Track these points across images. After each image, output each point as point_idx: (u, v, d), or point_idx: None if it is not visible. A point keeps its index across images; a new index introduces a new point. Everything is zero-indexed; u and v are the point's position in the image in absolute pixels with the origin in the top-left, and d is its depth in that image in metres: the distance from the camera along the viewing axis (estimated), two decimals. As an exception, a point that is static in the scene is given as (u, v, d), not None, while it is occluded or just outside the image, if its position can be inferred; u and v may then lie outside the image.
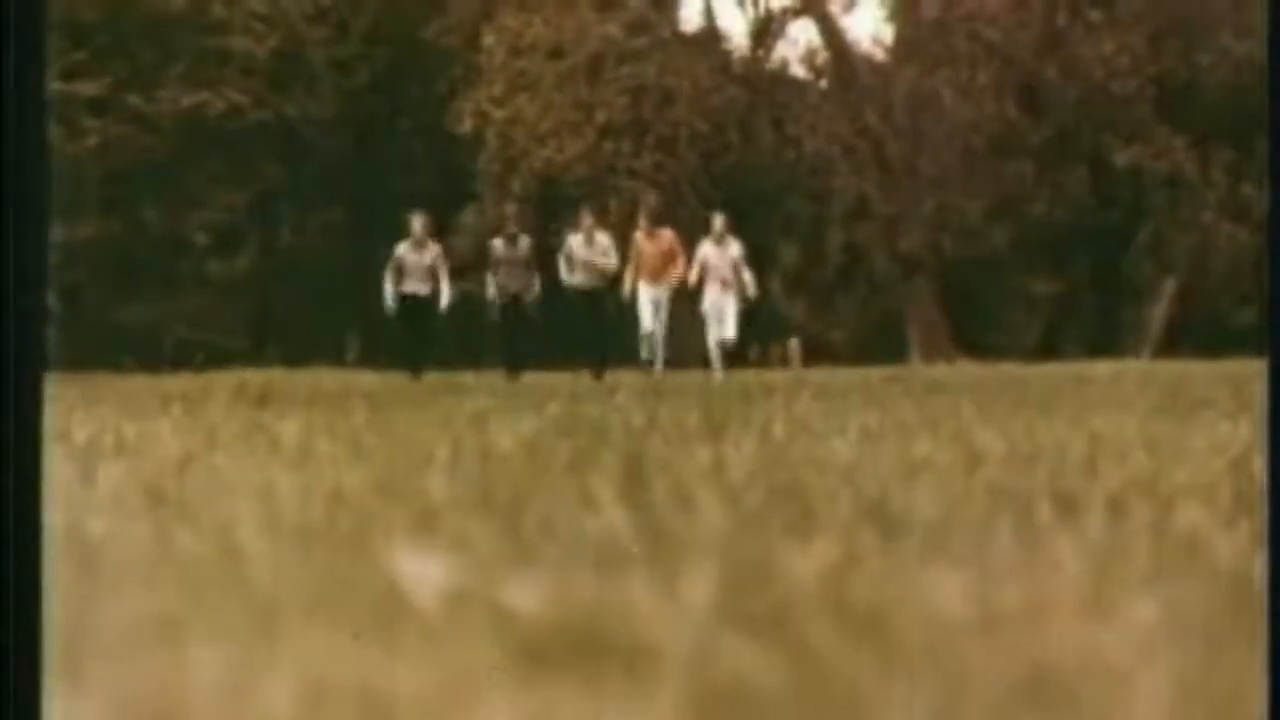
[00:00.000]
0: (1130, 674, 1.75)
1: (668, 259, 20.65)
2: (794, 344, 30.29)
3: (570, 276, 20.71)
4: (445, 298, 20.79)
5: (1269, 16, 2.59)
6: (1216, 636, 1.91)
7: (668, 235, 20.83)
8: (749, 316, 21.75)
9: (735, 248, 20.75)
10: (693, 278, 20.51)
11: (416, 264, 20.90)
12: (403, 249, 20.97)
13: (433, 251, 21.00)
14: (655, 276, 20.51)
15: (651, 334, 20.49)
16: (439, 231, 22.39)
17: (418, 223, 20.99)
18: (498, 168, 30.17)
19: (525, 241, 21.11)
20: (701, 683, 1.77)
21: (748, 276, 20.63)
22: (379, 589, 2.11)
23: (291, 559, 2.39)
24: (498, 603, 2.02)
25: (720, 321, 20.59)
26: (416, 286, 20.91)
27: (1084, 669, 1.78)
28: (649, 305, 20.56)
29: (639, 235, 20.77)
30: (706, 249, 20.74)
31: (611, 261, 20.69)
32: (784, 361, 29.28)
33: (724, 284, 20.50)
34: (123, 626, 1.98)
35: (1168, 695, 1.72)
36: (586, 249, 20.79)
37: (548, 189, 30.19)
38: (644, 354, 20.45)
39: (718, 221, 20.94)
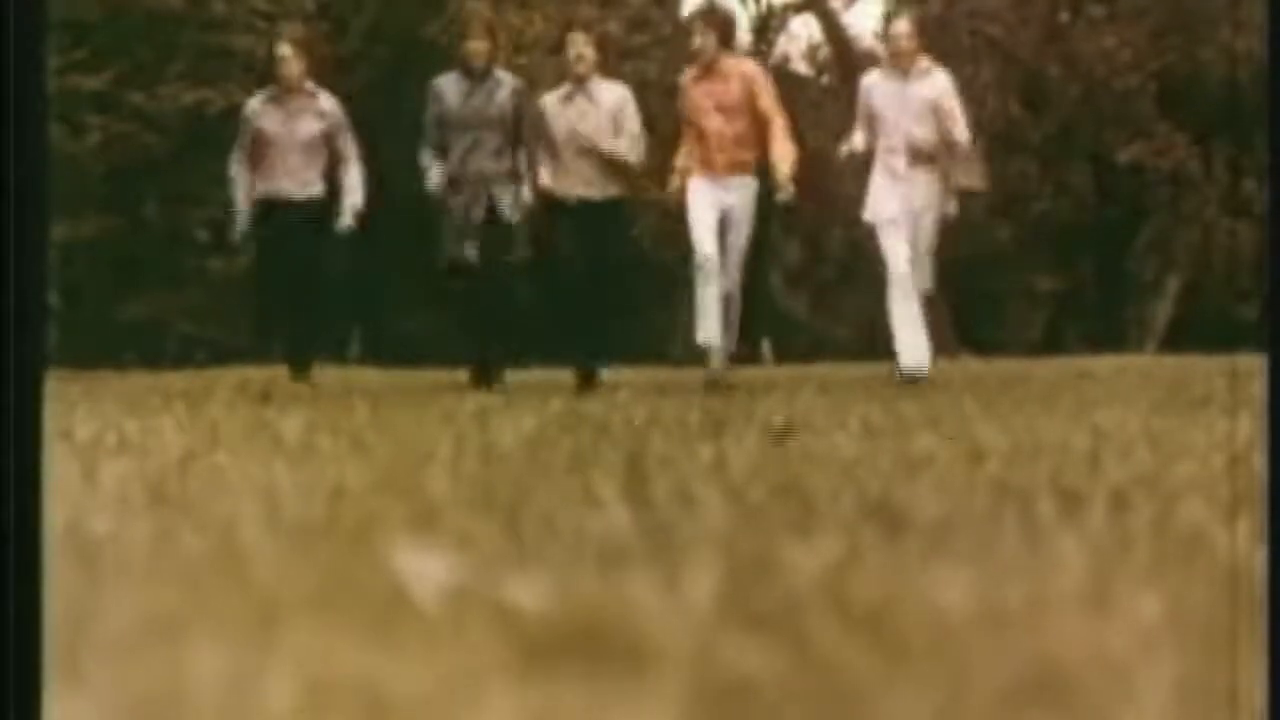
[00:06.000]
0: (1132, 670, 1.75)
1: (750, 120, 10.56)
2: (765, 344, 30.07)
3: (551, 179, 10.63)
4: (353, 204, 10.95)
5: (1269, 12, 2.59)
6: (1218, 632, 1.91)
7: (747, 70, 10.88)
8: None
9: (939, 80, 10.83)
10: (856, 144, 10.93)
11: (287, 136, 10.94)
12: (255, 106, 11.13)
13: (320, 109, 11.08)
14: (724, 159, 10.51)
15: (708, 261, 10.38)
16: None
17: (285, 49, 11.13)
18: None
19: (508, 86, 10.75)
20: (704, 680, 1.76)
21: (962, 135, 10.73)
22: (381, 586, 2.11)
23: (294, 556, 2.39)
24: (500, 600, 2.02)
25: (902, 239, 10.71)
26: (289, 184, 10.96)
27: (1087, 665, 1.78)
28: (708, 218, 10.43)
29: (687, 79, 10.85)
30: (876, 84, 10.86)
31: (628, 143, 10.69)
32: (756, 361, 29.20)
33: (915, 157, 10.66)
34: (125, 625, 1.98)
35: (1169, 691, 1.72)
36: (574, 110, 10.68)
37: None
38: (700, 336, 10.47)
39: (901, 26, 10.89)
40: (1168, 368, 12.70)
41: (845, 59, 32.49)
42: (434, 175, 10.79)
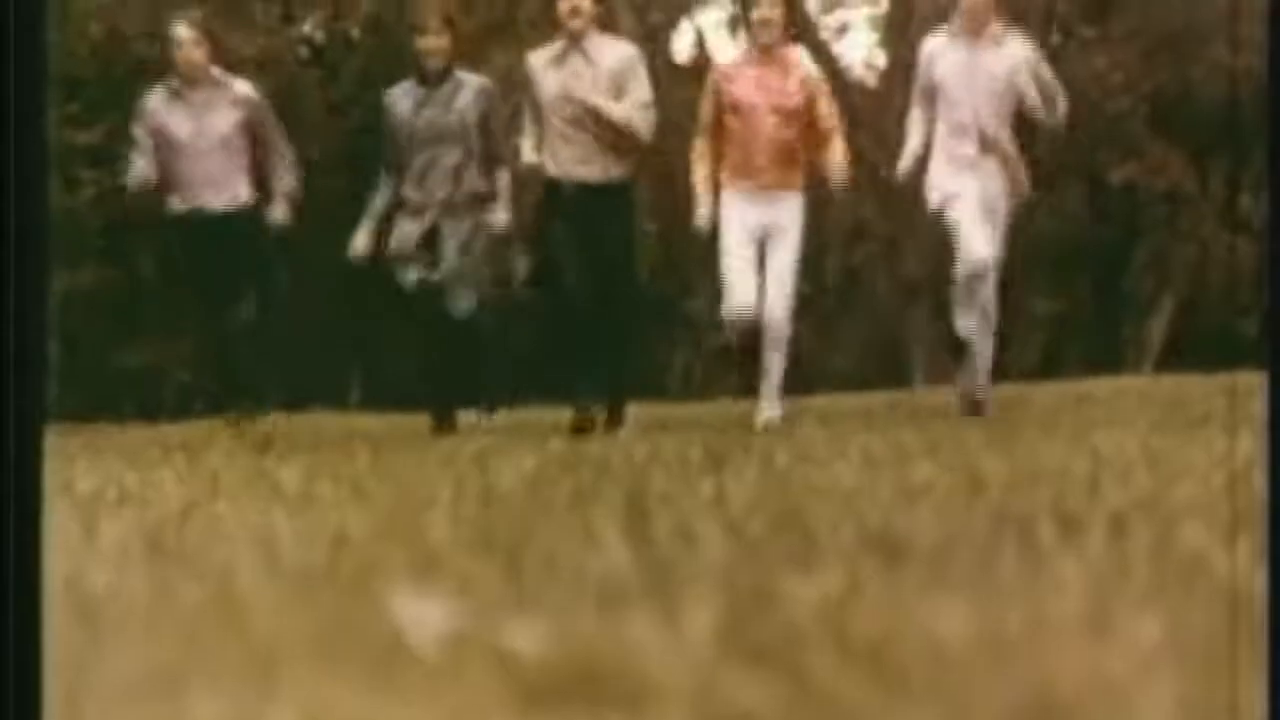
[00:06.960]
0: (1133, 695, 1.75)
1: (804, 128, 8.79)
2: None
3: (535, 154, 8.69)
4: (285, 192, 9.29)
5: (1269, 27, 2.60)
6: (1218, 654, 1.91)
7: (808, 68, 9.06)
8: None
9: (1017, 50, 8.83)
10: (915, 146, 9.05)
11: (198, 137, 9.15)
12: (153, 104, 9.32)
13: (234, 98, 9.20)
14: (773, 171, 8.69)
15: (744, 315, 8.74)
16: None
17: (184, 31, 9.20)
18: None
19: (472, 88, 8.91)
20: (705, 718, 1.76)
21: (1050, 114, 8.83)
22: (381, 633, 2.11)
23: (294, 605, 2.39)
24: (500, 644, 2.02)
25: (969, 234, 8.92)
26: (208, 194, 9.17)
27: (1088, 691, 1.78)
28: (744, 243, 8.68)
29: (728, 64, 9.06)
30: (940, 52, 8.90)
31: (633, 109, 8.61)
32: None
33: (984, 145, 8.83)
34: (125, 678, 1.98)
35: (1170, 714, 1.72)
36: (567, 71, 8.63)
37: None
38: (765, 386, 8.93)
39: None
40: (1166, 387, 12.69)
41: (836, 89, 32.45)
42: (359, 240, 9.15)
